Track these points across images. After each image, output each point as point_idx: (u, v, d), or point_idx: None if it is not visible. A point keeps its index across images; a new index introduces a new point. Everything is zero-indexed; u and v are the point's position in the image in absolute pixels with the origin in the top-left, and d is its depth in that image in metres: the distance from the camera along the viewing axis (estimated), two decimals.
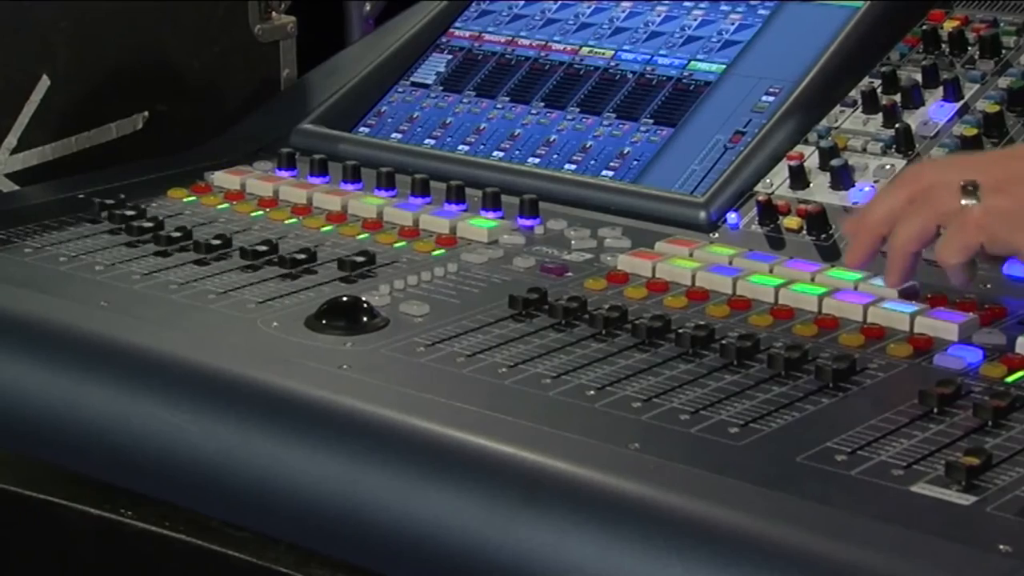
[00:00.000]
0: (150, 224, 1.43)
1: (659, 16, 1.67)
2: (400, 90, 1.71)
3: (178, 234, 1.41)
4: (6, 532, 1.26)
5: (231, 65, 1.82)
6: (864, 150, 1.45)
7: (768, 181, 1.46)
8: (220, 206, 1.52)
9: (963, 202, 1.17)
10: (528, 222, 1.46)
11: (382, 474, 1.06)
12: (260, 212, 1.50)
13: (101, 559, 1.21)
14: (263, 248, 1.37)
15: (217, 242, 1.39)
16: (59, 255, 1.39)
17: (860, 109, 1.49)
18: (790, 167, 1.45)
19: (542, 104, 1.63)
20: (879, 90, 1.50)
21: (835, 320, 1.23)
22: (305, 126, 1.68)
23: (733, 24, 1.62)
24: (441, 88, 1.70)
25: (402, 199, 1.51)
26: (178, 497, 1.16)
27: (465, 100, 1.67)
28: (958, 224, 1.17)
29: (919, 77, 1.50)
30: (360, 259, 1.34)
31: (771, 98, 1.53)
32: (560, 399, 1.12)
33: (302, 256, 1.36)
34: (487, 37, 1.72)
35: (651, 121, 1.57)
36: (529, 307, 1.26)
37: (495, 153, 1.60)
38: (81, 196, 1.54)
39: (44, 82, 1.67)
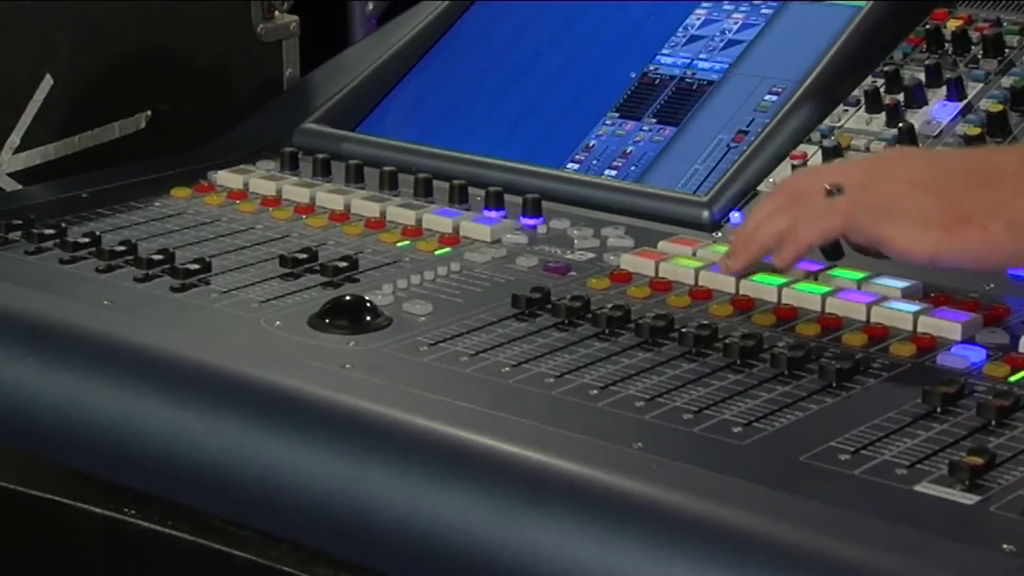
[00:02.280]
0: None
1: (662, 16, 1.67)
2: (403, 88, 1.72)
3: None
4: (9, 531, 1.26)
5: (234, 64, 1.82)
6: (867, 149, 1.45)
7: (771, 180, 1.46)
8: (223, 205, 1.52)
9: (827, 201, 1.22)
10: (531, 221, 1.46)
11: (385, 473, 1.06)
12: (263, 211, 1.50)
13: (104, 558, 1.21)
14: (265, 248, 1.37)
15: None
16: (62, 254, 1.39)
17: (863, 108, 1.49)
18: (793, 166, 1.45)
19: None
20: (882, 89, 1.50)
21: (838, 319, 1.23)
22: (308, 125, 1.68)
23: (736, 23, 1.62)
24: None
25: (405, 198, 1.51)
26: (181, 496, 1.16)
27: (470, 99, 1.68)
28: (824, 210, 1.22)
29: (922, 76, 1.50)
30: (343, 264, 1.33)
31: (774, 97, 1.53)
32: (563, 398, 1.12)
33: (305, 256, 1.36)
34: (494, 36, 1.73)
35: (654, 120, 1.57)
36: (532, 306, 1.26)
37: (498, 153, 1.60)
38: (84, 196, 1.54)
39: (47, 81, 1.67)
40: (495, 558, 1.01)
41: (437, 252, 1.39)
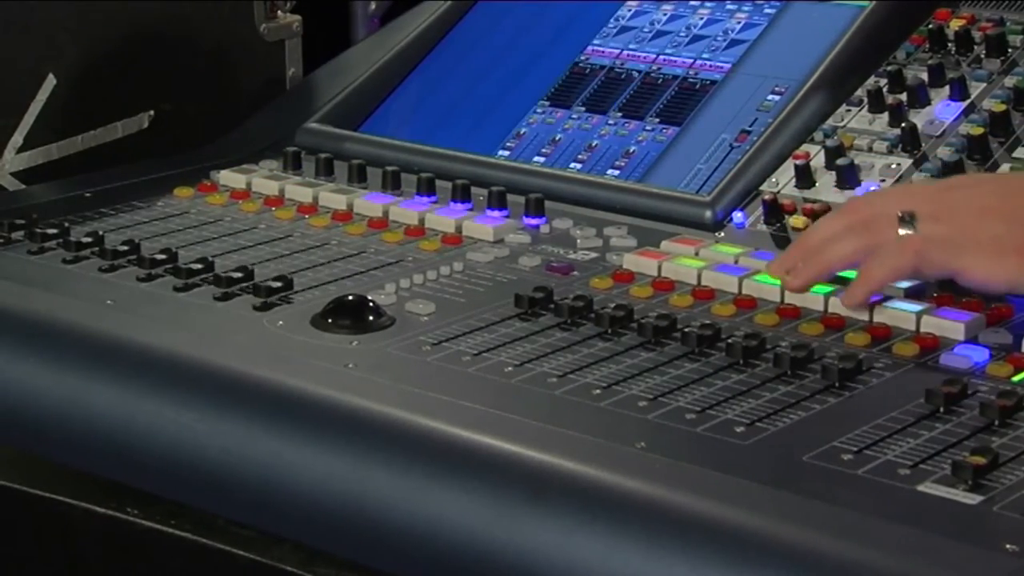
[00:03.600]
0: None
1: (665, 15, 1.67)
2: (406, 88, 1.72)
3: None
4: (12, 530, 1.26)
5: (237, 64, 1.82)
6: (870, 149, 1.45)
7: (774, 180, 1.46)
8: (225, 205, 1.52)
9: (900, 232, 1.20)
10: (534, 221, 1.46)
11: (387, 473, 1.06)
12: (265, 211, 1.50)
13: (107, 557, 1.21)
14: (268, 247, 1.37)
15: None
16: (65, 254, 1.39)
17: (866, 108, 1.49)
18: (796, 166, 1.45)
19: (547, 103, 1.63)
20: (885, 89, 1.50)
21: (841, 319, 1.23)
22: (310, 125, 1.68)
23: (739, 23, 1.62)
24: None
25: (407, 198, 1.51)
26: (184, 496, 1.16)
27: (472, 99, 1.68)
28: (895, 248, 1.20)
29: (925, 76, 1.50)
30: (277, 284, 1.31)
31: (777, 97, 1.53)
32: (566, 398, 1.12)
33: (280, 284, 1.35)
34: (493, 35, 1.73)
35: (657, 120, 1.57)
36: (535, 306, 1.26)
37: (500, 152, 1.60)
38: (87, 195, 1.54)
39: (50, 81, 1.67)
40: (498, 557, 1.01)
41: (440, 252, 1.39)
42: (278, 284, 1.30)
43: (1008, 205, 1.19)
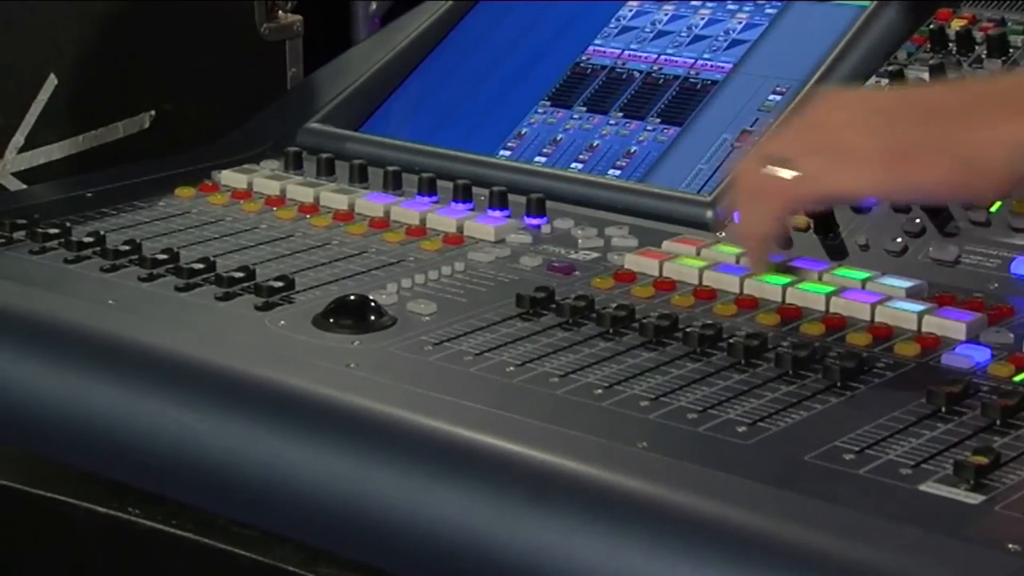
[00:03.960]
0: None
1: (666, 15, 1.67)
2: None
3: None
4: (13, 530, 1.26)
5: (238, 64, 1.82)
6: None
7: None
8: (227, 205, 1.52)
9: (781, 173, 1.20)
10: (535, 221, 1.46)
11: (389, 473, 1.06)
12: (267, 211, 1.50)
13: (108, 557, 1.21)
14: (270, 247, 1.37)
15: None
16: (66, 254, 1.39)
17: None
18: None
19: (548, 103, 1.63)
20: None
21: (843, 319, 1.23)
22: (312, 125, 1.68)
23: (740, 23, 1.62)
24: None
25: (408, 198, 1.51)
26: (185, 495, 1.16)
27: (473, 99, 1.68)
28: (780, 201, 1.21)
29: (926, 76, 1.49)
30: (278, 284, 1.31)
31: (778, 97, 1.53)
32: (568, 398, 1.12)
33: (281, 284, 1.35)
34: (494, 36, 1.73)
35: (658, 120, 1.57)
36: (536, 306, 1.26)
37: (502, 152, 1.60)
38: (88, 195, 1.54)
39: (51, 81, 1.67)
40: (500, 557, 1.01)
41: (441, 252, 1.39)
42: (279, 284, 1.30)
43: (872, 118, 1.18)
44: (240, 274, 1.32)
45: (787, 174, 1.19)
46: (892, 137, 1.16)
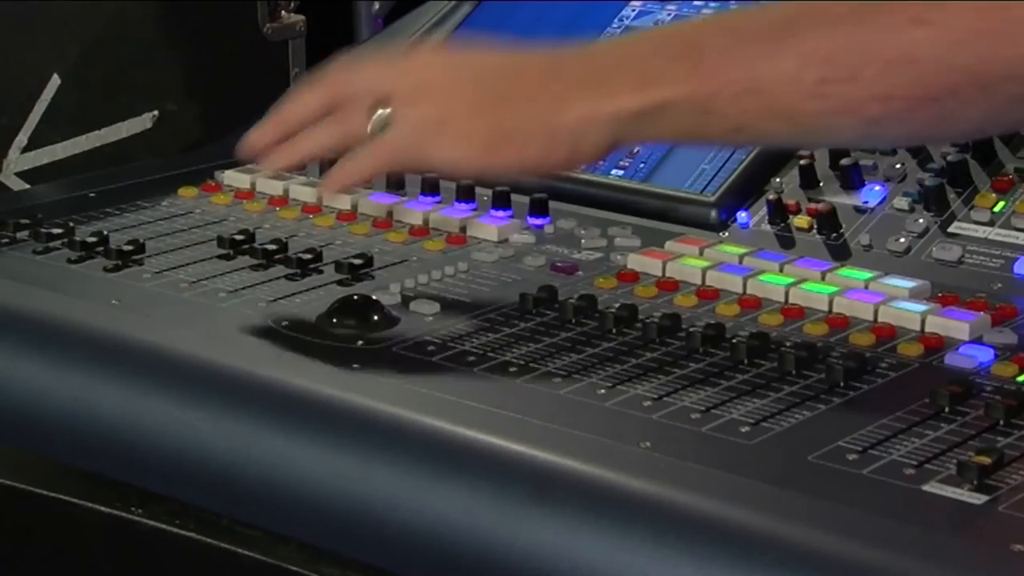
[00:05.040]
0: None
1: (669, 15, 1.67)
2: None
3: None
4: (15, 529, 1.26)
5: (241, 64, 1.82)
6: (874, 150, 1.45)
7: (778, 180, 1.46)
8: (230, 205, 1.52)
9: (370, 128, 1.19)
10: (538, 221, 1.46)
11: (392, 472, 1.06)
12: (270, 211, 1.50)
13: (111, 557, 1.22)
14: (273, 247, 1.37)
15: (240, 237, 1.39)
16: (70, 253, 1.39)
17: None
18: (800, 166, 1.45)
19: None
20: None
21: (846, 319, 1.23)
22: None
23: None
24: None
25: (412, 198, 1.51)
26: (188, 495, 1.16)
27: None
28: (368, 150, 1.19)
29: None
30: (358, 261, 1.33)
31: None
32: (571, 397, 1.12)
33: (310, 256, 1.36)
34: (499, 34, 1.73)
35: None
36: (539, 306, 1.26)
37: None
38: (92, 195, 1.54)
39: (55, 81, 1.67)
40: (502, 557, 1.01)
41: (444, 252, 1.39)
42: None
43: (481, 97, 1.17)
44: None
45: (388, 134, 1.18)
46: (495, 118, 1.16)
